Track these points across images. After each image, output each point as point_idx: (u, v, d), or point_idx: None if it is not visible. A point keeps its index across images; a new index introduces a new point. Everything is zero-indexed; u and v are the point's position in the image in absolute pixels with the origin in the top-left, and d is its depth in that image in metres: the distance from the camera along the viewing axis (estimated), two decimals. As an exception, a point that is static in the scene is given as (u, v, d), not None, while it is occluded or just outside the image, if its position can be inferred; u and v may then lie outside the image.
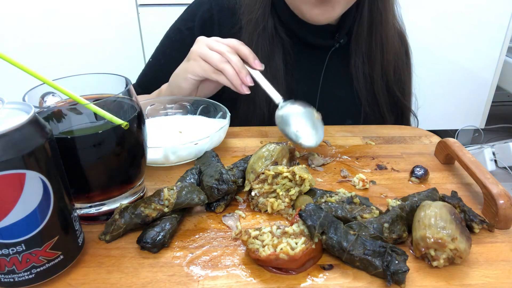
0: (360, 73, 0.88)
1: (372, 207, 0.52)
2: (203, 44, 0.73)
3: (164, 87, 0.83)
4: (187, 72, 0.75)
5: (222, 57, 0.71)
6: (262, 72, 0.73)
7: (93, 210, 0.51)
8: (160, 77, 0.87)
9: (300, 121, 0.70)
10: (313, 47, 0.87)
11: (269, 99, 0.84)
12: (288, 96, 0.85)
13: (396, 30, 0.90)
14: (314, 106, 0.71)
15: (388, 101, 0.91)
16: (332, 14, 0.77)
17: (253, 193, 0.55)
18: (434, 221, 0.45)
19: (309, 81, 0.89)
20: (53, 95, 0.50)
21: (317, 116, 0.71)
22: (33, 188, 0.38)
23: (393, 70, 0.90)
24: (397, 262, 0.42)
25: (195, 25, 0.88)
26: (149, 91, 0.90)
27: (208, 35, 0.75)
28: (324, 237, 0.45)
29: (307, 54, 0.88)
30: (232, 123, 0.80)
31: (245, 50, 0.72)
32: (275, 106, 0.87)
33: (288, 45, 0.85)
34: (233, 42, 0.73)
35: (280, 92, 0.84)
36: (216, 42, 0.72)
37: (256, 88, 0.82)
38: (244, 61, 0.72)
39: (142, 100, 0.80)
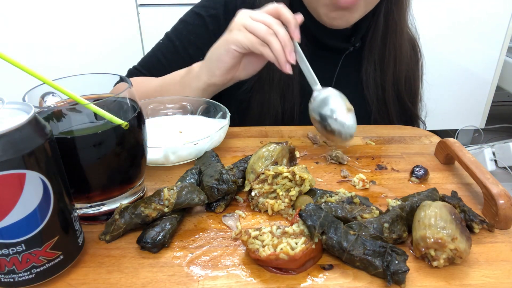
0: (370, 80, 0.88)
1: (372, 207, 0.52)
2: (246, 15, 0.68)
3: (196, 65, 0.77)
4: (229, 43, 0.69)
5: (268, 29, 0.66)
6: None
7: (93, 210, 0.51)
8: (173, 59, 0.86)
9: (338, 101, 0.67)
10: (328, 49, 0.87)
11: (284, 98, 0.84)
12: (301, 95, 0.85)
13: (409, 39, 0.91)
14: None
15: (398, 108, 0.91)
16: (350, 19, 0.77)
17: (253, 193, 0.55)
18: (434, 221, 0.45)
19: (322, 82, 0.89)
20: (53, 95, 0.50)
21: (349, 107, 0.67)
22: (33, 188, 0.38)
23: (404, 80, 0.90)
24: (397, 262, 0.42)
25: (219, 13, 0.86)
26: (153, 73, 0.88)
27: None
28: (324, 237, 0.45)
29: (321, 55, 0.87)
30: (245, 123, 0.80)
31: (288, 16, 0.66)
32: (289, 106, 0.84)
33: (304, 44, 0.84)
34: (274, 8, 0.67)
35: (294, 92, 0.84)
36: (261, 13, 0.68)
37: (270, 86, 0.81)
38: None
39: (152, 84, 0.78)
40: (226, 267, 0.45)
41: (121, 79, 0.51)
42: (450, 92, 2.09)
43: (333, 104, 0.67)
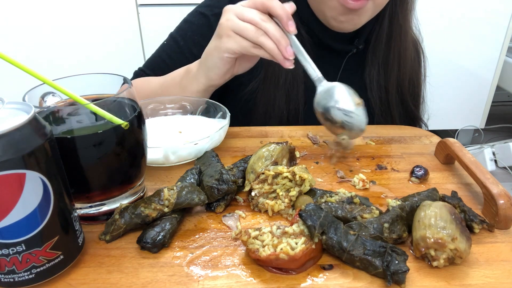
0: (374, 82, 0.88)
1: (372, 207, 0.52)
2: (232, 15, 0.65)
3: (193, 66, 0.76)
4: (221, 51, 0.67)
5: (257, 29, 0.62)
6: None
7: (93, 210, 0.51)
8: (178, 59, 0.86)
9: (344, 93, 0.63)
10: (331, 50, 0.86)
11: (289, 99, 0.84)
12: (305, 95, 0.85)
13: (413, 42, 0.91)
14: None
15: (401, 111, 0.92)
16: (358, 22, 0.77)
17: (253, 193, 0.55)
18: (434, 221, 0.45)
19: None
20: (53, 95, 0.50)
21: (358, 101, 0.64)
22: (33, 188, 0.38)
23: (408, 83, 0.90)
24: (397, 262, 0.42)
25: (222, 11, 0.86)
26: (158, 74, 0.87)
27: None
28: (324, 237, 0.45)
29: (324, 57, 0.86)
30: (250, 124, 0.80)
31: (278, 9, 0.62)
32: (294, 106, 0.84)
33: (308, 44, 0.83)
34: (260, 2, 0.63)
35: (299, 92, 0.83)
36: (246, 9, 0.64)
37: (276, 86, 0.80)
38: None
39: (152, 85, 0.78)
40: (226, 267, 0.45)
41: (124, 80, 0.51)
42: (450, 92, 2.09)
43: (340, 95, 0.63)
